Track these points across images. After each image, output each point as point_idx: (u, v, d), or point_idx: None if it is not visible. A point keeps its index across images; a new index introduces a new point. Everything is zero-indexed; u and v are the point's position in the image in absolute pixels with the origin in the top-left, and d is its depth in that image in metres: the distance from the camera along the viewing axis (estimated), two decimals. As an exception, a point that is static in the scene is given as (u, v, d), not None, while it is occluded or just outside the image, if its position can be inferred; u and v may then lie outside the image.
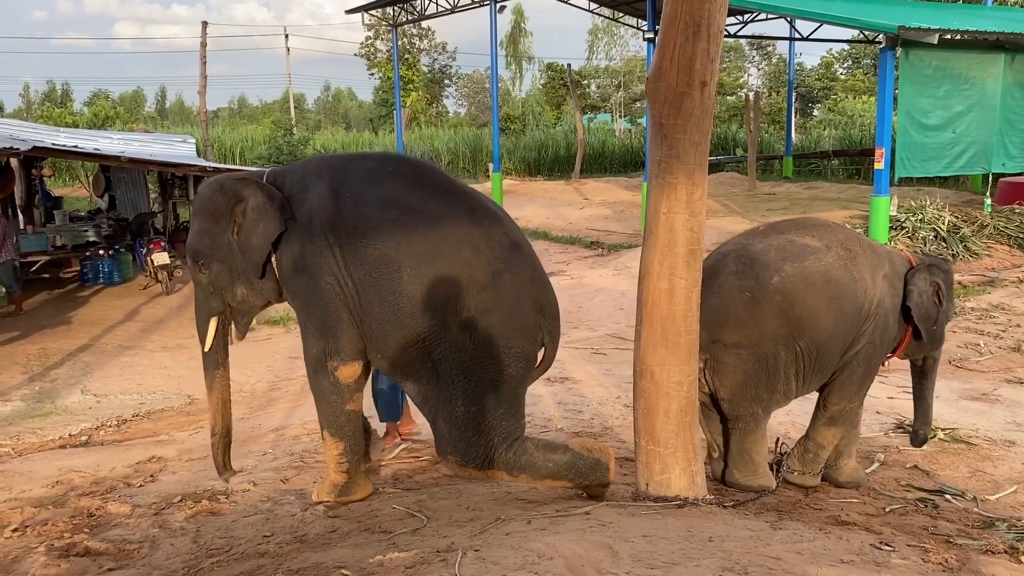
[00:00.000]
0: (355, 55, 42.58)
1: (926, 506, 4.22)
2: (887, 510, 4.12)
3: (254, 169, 4.31)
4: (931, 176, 13.39)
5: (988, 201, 12.78)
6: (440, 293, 3.58)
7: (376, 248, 3.62)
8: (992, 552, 3.41)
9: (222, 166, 13.40)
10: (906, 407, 5.97)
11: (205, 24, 19.40)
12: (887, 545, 3.35)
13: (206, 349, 4.10)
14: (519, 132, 32.12)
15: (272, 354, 8.53)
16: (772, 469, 4.48)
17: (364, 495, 4.13)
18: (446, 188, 3.81)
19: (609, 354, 7.88)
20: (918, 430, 4.81)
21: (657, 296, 3.71)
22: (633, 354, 3.88)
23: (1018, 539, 3.60)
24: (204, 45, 16.63)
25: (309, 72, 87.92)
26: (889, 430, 5.56)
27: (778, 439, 4.80)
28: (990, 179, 13.10)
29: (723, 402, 4.26)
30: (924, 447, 5.08)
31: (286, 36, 39.71)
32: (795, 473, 4.47)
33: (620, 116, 43.08)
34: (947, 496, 4.39)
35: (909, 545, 3.42)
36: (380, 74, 40.52)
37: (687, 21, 3.42)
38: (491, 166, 19.41)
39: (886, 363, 4.66)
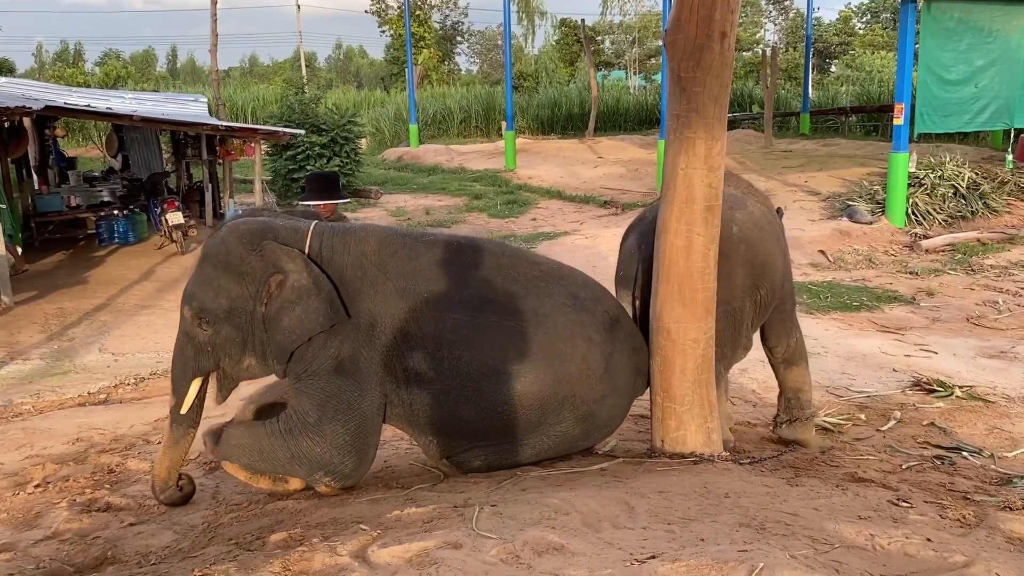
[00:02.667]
0: (366, 12, 42.13)
1: (943, 463, 4.21)
2: (904, 467, 4.11)
3: (289, 221, 3.56)
4: (951, 132, 13.18)
5: (1009, 157, 12.57)
6: (558, 395, 3.42)
7: (474, 359, 3.33)
8: (1010, 508, 3.39)
9: (235, 124, 13.33)
10: (923, 365, 5.96)
11: (215, -19, 19.22)
12: (904, 502, 3.34)
13: (181, 412, 3.52)
14: (532, 90, 31.76)
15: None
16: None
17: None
18: (536, 276, 3.52)
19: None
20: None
21: (674, 253, 3.67)
22: (649, 311, 3.86)
23: (1036, 496, 3.58)
24: (215, 3, 16.46)
25: (320, 30, 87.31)
26: (906, 388, 5.53)
27: None
28: (1011, 135, 12.86)
29: None
30: (941, 404, 5.06)
31: (296, -7, 39.30)
32: (784, 426, 4.47)
33: (635, 73, 42.51)
34: (964, 453, 4.38)
35: (926, 502, 3.41)
36: (391, 31, 40.09)
37: (707, -30, 3.33)
38: (504, 124, 19.24)
39: None
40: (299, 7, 39.44)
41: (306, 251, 3.40)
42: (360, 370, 3.34)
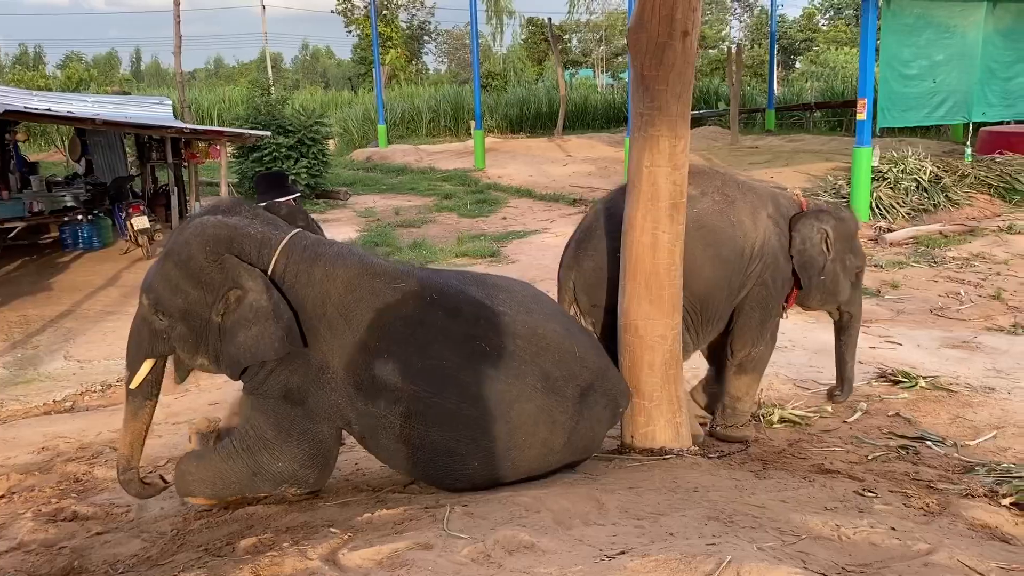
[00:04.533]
0: (332, 12, 41.86)
1: (908, 453, 4.28)
2: (869, 457, 4.17)
3: (262, 228, 3.38)
4: (912, 126, 13.38)
5: (969, 150, 12.79)
6: (513, 475, 3.36)
7: (427, 436, 3.25)
8: (972, 496, 3.47)
9: (200, 127, 13.20)
10: (888, 356, 6.04)
11: (177, -18, 18.95)
12: (869, 492, 3.41)
13: (132, 387, 3.47)
14: (500, 89, 31.75)
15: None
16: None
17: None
18: (510, 352, 3.27)
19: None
20: (835, 393, 4.81)
21: (640, 250, 3.70)
22: (617, 308, 3.88)
23: (997, 483, 3.67)
24: (178, 4, 16.26)
25: (286, 31, 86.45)
26: (871, 379, 5.61)
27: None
28: (970, 128, 13.10)
29: None
30: (906, 395, 5.14)
31: (261, -6, 39.01)
32: (719, 427, 4.47)
33: (602, 71, 42.69)
34: (928, 443, 4.45)
35: (891, 491, 3.47)
36: (358, 31, 39.88)
37: (668, -31, 3.36)
38: (473, 124, 19.22)
39: (784, 313, 4.53)
40: (264, 8, 39.14)
41: (270, 270, 3.29)
42: (309, 404, 3.30)
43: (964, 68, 11.53)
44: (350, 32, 41.84)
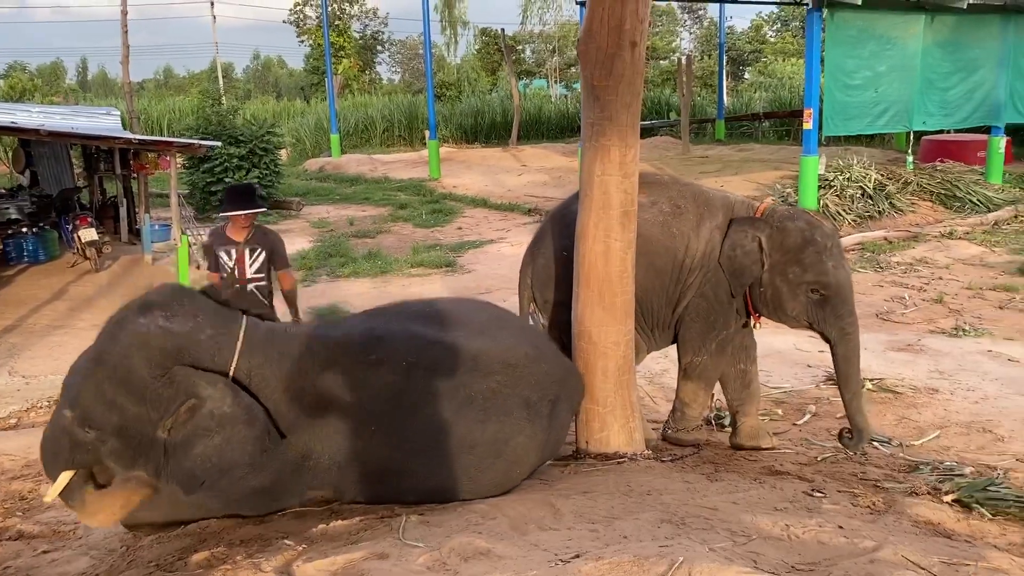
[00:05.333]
0: (284, 22, 41.59)
1: (855, 453, 4.37)
2: (819, 459, 4.26)
3: (211, 331, 3.07)
4: (856, 135, 13.71)
5: (910, 159, 13.16)
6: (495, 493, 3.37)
7: (429, 486, 3.27)
8: (916, 493, 3.57)
9: (149, 137, 12.98)
10: (836, 360, 6.17)
11: (125, -9, 18.65)
12: (818, 492, 3.49)
13: (47, 500, 3.18)
14: (455, 99, 31.75)
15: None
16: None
17: None
18: (491, 392, 3.25)
19: (549, 318, 7.94)
20: (844, 436, 4.18)
21: (593, 258, 3.75)
22: (571, 316, 3.92)
23: (940, 480, 3.77)
24: (125, 13, 16.01)
25: (237, 40, 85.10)
26: (820, 382, 5.73)
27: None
28: (911, 137, 13.47)
29: None
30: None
31: (212, 3, 38.56)
32: (670, 431, 4.44)
33: (556, 81, 42.95)
34: (875, 443, 4.56)
35: (839, 491, 3.56)
36: (311, 41, 39.62)
37: (616, -18, 3.42)
38: (427, 133, 19.20)
39: (755, 324, 4.37)
40: (215, 18, 38.71)
41: (231, 371, 3.03)
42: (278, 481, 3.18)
43: (905, 79, 11.86)
44: (302, 42, 41.57)
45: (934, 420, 5.03)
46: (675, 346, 4.38)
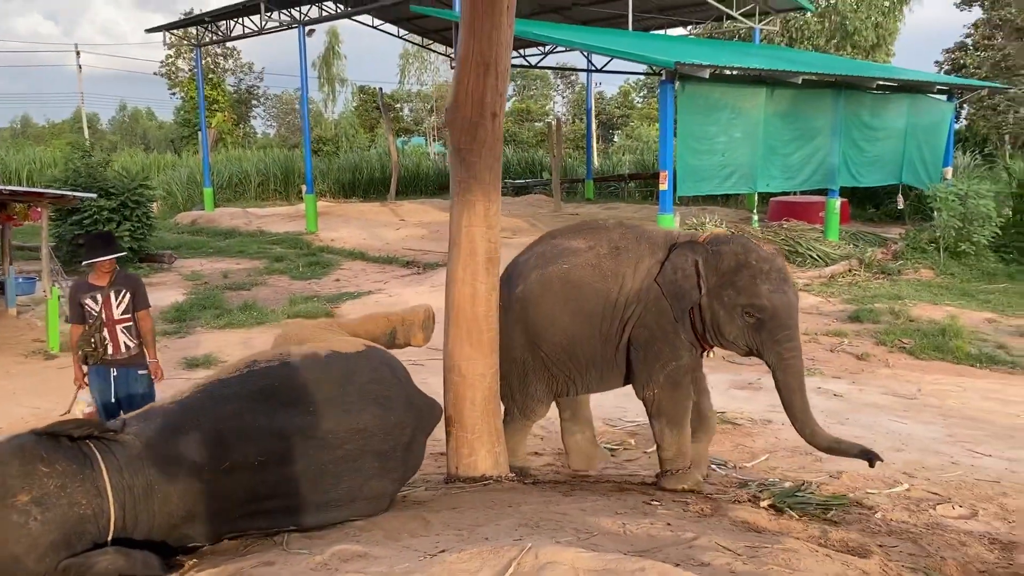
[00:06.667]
0: (155, 74, 40.81)
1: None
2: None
3: (63, 480, 3.03)
4: (708, 195, 14.86)
5: (755, 217, 14.42)
6: None
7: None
8: (738, 501, 4.14)
9: (19, 188, 12.63)
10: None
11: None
12: (655, 502, 4.00)
13: None
14: (332, 154, 31.99)
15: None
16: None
17: None
18: (342, 456, 3.50)
19: (426, 364, 8.28)
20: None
21: (461, 300, 4.20)
22: (443, 352, 4.35)
23: (760, 491, 4.36)
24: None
25: (102, 91, 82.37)
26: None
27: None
28: (756, 198, 14.71)
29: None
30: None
31: (77, 53, 37.48)
32: (661, 478, 4.45)
33: (434, 139, 43.85)
34: (713, 466, 5.15)
35: (674, 501, 4.08)
36: (182, 94, 39.04)
37: (478, 60, 3.95)
38: (304, 188, 19.35)
39: (706, 353, 4.47)
40: (80, 67, 37.61)
41: (111, 531, 3.10)
42: None
43: (749, 145, 13.02)
44: (174, 94, 40.86)
45: (765, 446, 5.68)
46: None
